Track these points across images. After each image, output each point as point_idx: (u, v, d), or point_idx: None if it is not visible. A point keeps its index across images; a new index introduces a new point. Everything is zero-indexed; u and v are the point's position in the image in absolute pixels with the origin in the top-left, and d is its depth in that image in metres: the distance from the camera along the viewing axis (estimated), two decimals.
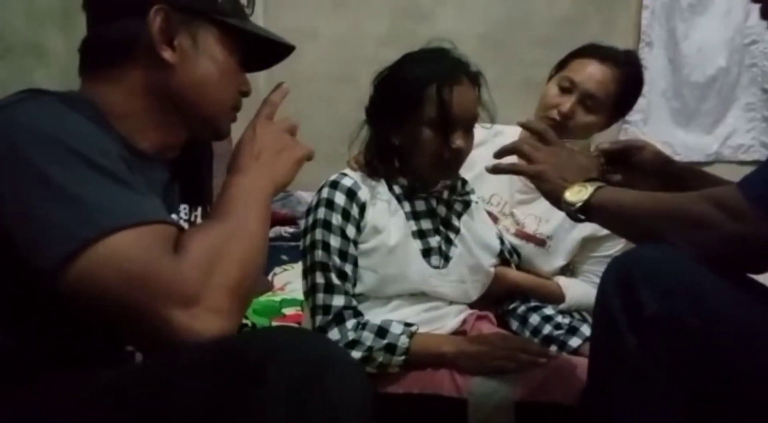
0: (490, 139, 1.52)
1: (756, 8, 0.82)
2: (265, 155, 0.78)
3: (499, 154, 1.03)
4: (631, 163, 1.07)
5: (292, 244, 1.91)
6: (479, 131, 1.26)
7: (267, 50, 0.87)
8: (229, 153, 0.82)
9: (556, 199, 0.92)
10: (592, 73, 1.40)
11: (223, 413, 0.55)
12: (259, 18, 0.92)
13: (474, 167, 1.33)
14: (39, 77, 1.36)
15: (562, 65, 1.46)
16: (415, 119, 1.13)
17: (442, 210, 1.23)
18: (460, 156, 1.16)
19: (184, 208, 0.88)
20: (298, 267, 1.67)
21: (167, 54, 0.76)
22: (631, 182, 1.07)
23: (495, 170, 1.02)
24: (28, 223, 0.62)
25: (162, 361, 0.62)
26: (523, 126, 1.10)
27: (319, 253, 1.13)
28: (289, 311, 1.58)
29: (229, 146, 0.89)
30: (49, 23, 1.39)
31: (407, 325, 1.12)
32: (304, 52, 2.21)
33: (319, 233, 1.14)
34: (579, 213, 0.89)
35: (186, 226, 0.86)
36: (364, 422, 0.60)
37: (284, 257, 1.84)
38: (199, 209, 0.90)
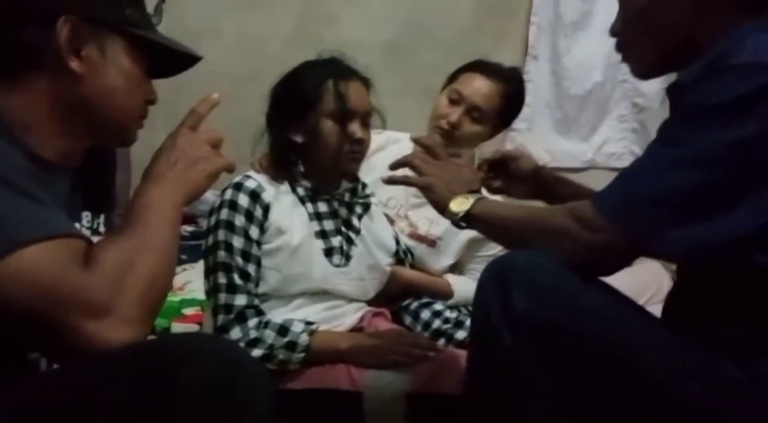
0: (388, 145, 1.61)
1: None
2: (181, 165, 0.79)
3: (394, 166, 1.11)
4: (508, 171, 1.20)
5: (192, 243, 1.88)
6: (375, 137, 1.35)
7: (173, 58, 0.88)
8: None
9: (441, 209, 1.01)
10: (478, 87, 1.52)
11: (137, 417, 0.58)
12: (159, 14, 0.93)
13: (373, 172, 1.41)
14: None
15: (452, 78, 1.58)
16: (316, 113, 1.20)
17: (343, 211, 1.29)
18: (360, 147, 1.22)
19: (86, 216, 0.88)
20: (198, 266, 1.66)
21: (75, 64, 0.76)
22: (509, 187, 1.21)
23: (390, 181, 1.10)
24: None
25: (76, 368, 0.64)
26: (415, 141, 1.18)
27: (222, 254, 1.16)
28: (188, 311, 1.57)
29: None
30: None
31: (308, 323, 1.17)
32: (207, 50, 2.17)
33: (222, 234, 1.17)
34: (461, 222, 0.99)
35: (89, 233, 0.87)
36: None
37: (183, 256, 1.80)
38: (102, 216, 0.91)
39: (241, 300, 1.16)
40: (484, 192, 1.09)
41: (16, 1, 0.76)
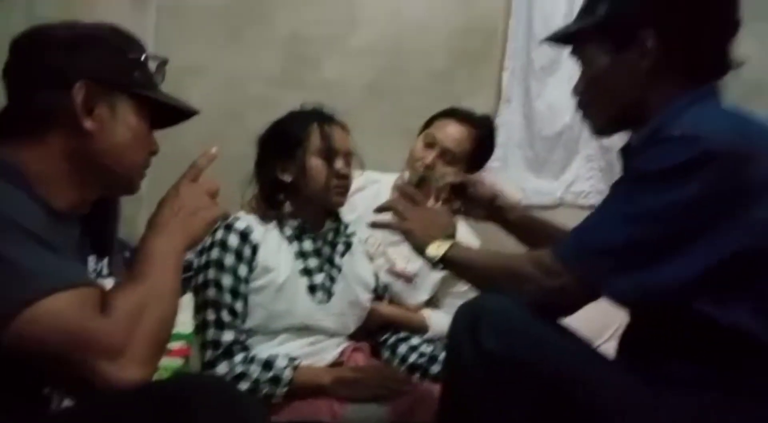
0: (367, 185, 1.70)
1: None
2: (183, 213, 0.86)
3: (379, 210, 1.21)
4: (466, 194, 1.31)
5: None
6: (356, 178, 1.44)
7: (172, 113, 0.96)
8: None
9: (420, 252, 1.10)
10: (451, 132, 1.63)
11: None
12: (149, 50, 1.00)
13: (354, 210, 1.50)
14: None
15: (428, 124, 1.69)
16: (303, 152, 1.29)
17: (327, 250, 1.37)
18: (345, 182, 1.32)
19: (92, 259, 0.95)
20: (184, 300, 1.71)
21: (88, 123, 0.83)
22: (466, 209, 1.33)
23: (374, 225, 1.20)
24: None
25: (94, 404, 0.70)
26: (399, 189, 1.28)
27: (212, 292, 1.23)
28: (174, 346, 1.62)
29: None
30: None
31: (291, 358, 1.23)
32: (192, 88, 2.27)
33: (212, 273, 1.23)
34: (437, 264, 1.07)
35: (94, 276, 0.93)
36: None
37: None
38: (106, 259, 0.97)
39: (228, 336, 1.22)
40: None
41: (37, 68, 0.84)
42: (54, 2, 1.76)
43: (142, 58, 0.90)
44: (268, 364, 1.21)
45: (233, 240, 1.24)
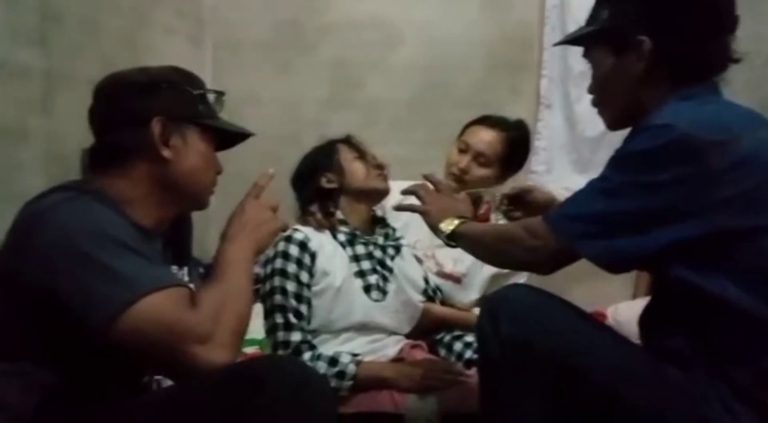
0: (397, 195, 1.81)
1: None
2: (250, 226, 0.99)
3: (404, 193, 1.35)
4: (525, 203, 1.40)
5: None
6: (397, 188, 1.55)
7: (232, 136, 1.10)
8: None
9: (434, 229, 1.22)
10: (482, 137, 1.73)
11: (237, 415, 0.78)
12: (207, 83, 1.15)
13: (399, 219, 1.61)
14: (25, 158, 1.52)
15: (461, 132, 1.80)
16: (339, 160, 1.46)
17: (378, 253, 1.48)
18: (383, 169, 1.48)
19: (173, 269, 1.09)
20: (255, 309, 1.84)
21: (166, 152, 0.97)
22: (528, 216, 1.39)
23: (397, 208, 1.34)
24: (82, 295, 0.82)
25: (189, 384, 0.84)
26: (425, 177, 1.41)
27: (278, 298, 1.35)
28: (249, 350, 1.76)
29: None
30: (33, 109, 1.56)
31: (354, 355, 1.34)
32: (249, 115, 2.44)
33: (277, 280, 1.36)
34: (448, 239, 1.20)
35: None
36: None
37: None
38: (185, 268, 1.12)
39: (296, 336, 1.34)
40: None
41: (118, 111, 0.99)
42: (124, 47, 1.97)
43: (204, 92, 1.04)
44: (333, 361, 1.32)
45: (293, 250, 1.37)
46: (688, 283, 0.94)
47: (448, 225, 1.19)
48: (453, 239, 1.19)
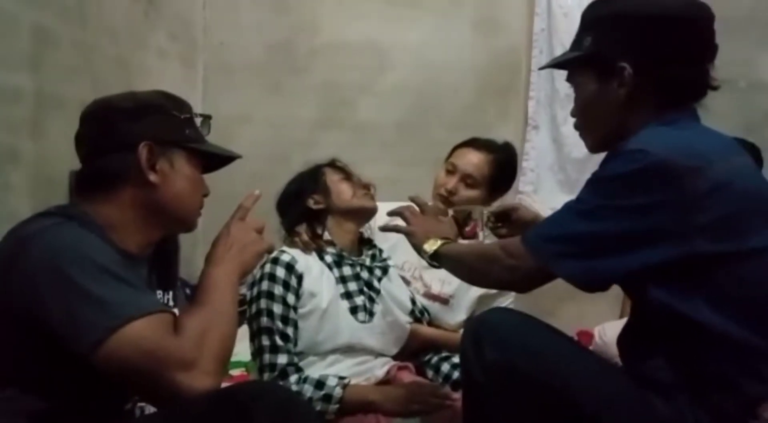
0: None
1: None
2: (235, 248, 0.99)
3: (390, 214, 1.38)
4: (511, 220, 1.42)
5: None
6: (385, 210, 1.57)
7: (219, 158, 1.10)
8: None
9: (418, 250, 1.26)
10: (469, 158, 1.75)
11: None
12: (198, 105, 1.16)
13: (388, 239, 1.62)
14: (14, 180, 1.51)
15: (449, 155, 1.82)
16: (326, 181, 1.48)
17: (365, 274, 1.49)
18: (368, 189, 1.50)
19: (158, 293, 1.10)
20: (241, 331, 1.84)
21: (153, 177, 0.98)
22: (512, 233, 1.42)
23: (383, 228, 1.37)
24: (67, 321, 0.83)
25: (170, 413, 0.84)
26: (412, 199, 1.43)
27: (264, 320, 1.35)
28: (235, 372, 1.76)
29: None
30: (23, 131, 1.57)
31: (341, 378, 1.34)
32: (240, 135, 2.46)
33: (263, 303, 1.36)
34: (431, 259, 1.22)
35: None
36: None
37: None
38: (171, 293, 1.12)
39: (282, 359, 1.34)
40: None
41: (105, 136, 0.99)
42: (117, 70, 1.98)
43: (191, 116, 1.05)
44: (320, 384, 1.32)
45: (280, 272, 1.38)
46: (665, 306, 0.96)
47: (432, 245, 1.22)
48: (436, 259, 1.22)
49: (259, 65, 2.67)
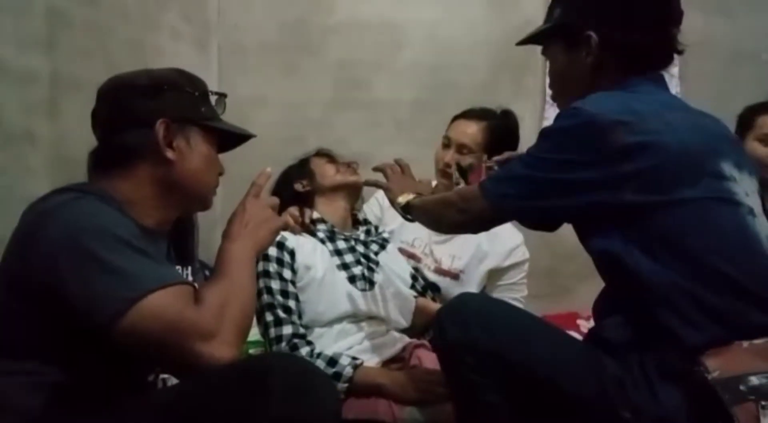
0: None
1: None
2: (251, 225, 1.00)
3: (375, 170, 1.49)
4: None
5: None
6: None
7: (233, 137, 1.11)
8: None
9: (392, 203, 1.37)
10: (462, 129, 1.75)
11: (245, 412, 0.78)
12: (213, 87, 1.15)
13: (396, 219, 1.62)
14: (32, 163, 1.53)
15: (447, 129, 1.80)
16: (310, 166, 1.56)
17: (360, 247, 1.51)
18: (351, 167, 1.57)
19: (177, 269, 1.11)
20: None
21: (169, 154, 0.98)
22: None
23: (365, 183, 1.51)
24: (87, 293, 0.83)
25: (193, 382, 0.85)
26: (396, 161, 1.50)
27: (265, 297, 1.37)
28: (255, 352, 1.78)
29: None
30: (40, 113, 1.58)
31: (354, 358, 1.34)
32: (256, 117, 2.45)
33: (261, 282, 1.38)
34: (404, 211, 1.34)
35: None
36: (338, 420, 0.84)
37: None
38: (189, 268, 1.13)
39: (288, 329, 1.35)
40: None
41: (122, 113, 1.00)
42: (131, 52, 1.99)
43: (206, 94, 1.06)
44: (332, 361, 1.32)
45: (272, 251, 1.40)
46: (604, 253, 1.01)
47: (405, 198, 1.34)
48: (407, 211, 1.33)
49: (273, 46, 2.66)
